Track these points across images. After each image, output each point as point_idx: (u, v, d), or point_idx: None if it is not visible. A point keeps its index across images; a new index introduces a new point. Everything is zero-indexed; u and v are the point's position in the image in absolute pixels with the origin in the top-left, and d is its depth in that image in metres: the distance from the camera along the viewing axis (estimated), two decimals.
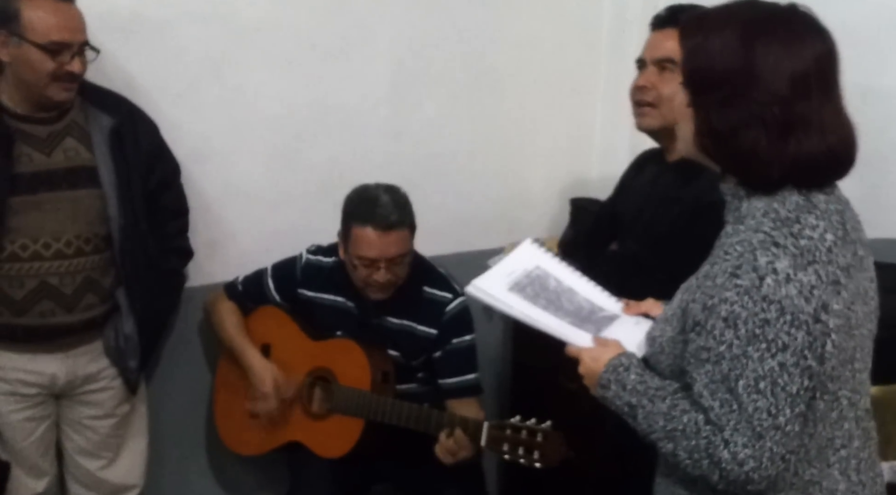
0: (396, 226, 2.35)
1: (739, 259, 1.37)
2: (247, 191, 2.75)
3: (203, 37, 2.57)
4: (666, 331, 1.51)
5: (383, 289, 2.42)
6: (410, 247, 2.42)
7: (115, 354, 2.40)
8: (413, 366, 2.53)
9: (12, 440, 2.34)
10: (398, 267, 2.39)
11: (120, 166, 2.30)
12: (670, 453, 1.44)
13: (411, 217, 2.42)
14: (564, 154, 3.23)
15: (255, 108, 2.70)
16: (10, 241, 2.19)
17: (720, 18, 1.44)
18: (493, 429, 2.18)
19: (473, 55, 2.99)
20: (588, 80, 3.18)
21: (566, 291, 1.77)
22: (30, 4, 2.10)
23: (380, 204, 2.37)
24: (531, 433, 2.13)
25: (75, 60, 2.15)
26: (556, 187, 3.22)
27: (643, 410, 1.47)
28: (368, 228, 2.35)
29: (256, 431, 2.59)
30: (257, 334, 2.60)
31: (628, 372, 1.52)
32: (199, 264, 2.65)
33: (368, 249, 2.35)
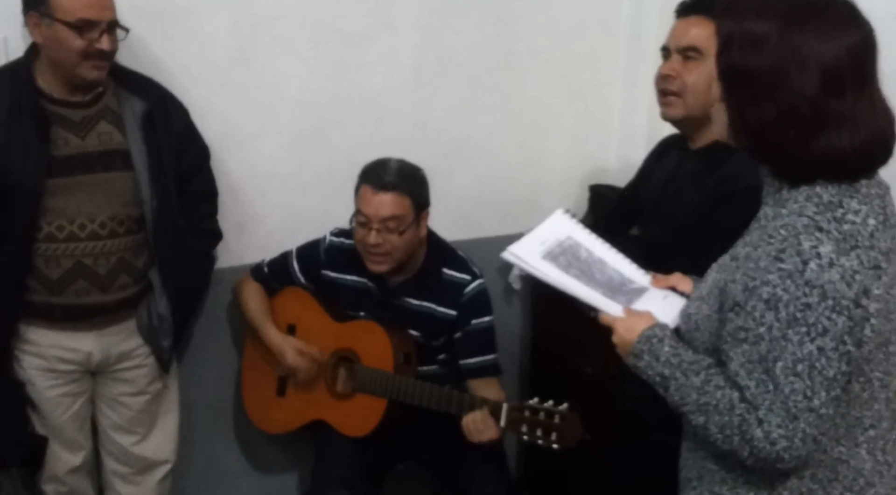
0: (391, 188, 2.41)
1: (783, 243, 1.38)
2: (273, 174, 2.80)
3: (231, 22, 2.62)
4: (702, 309, 1.53)
5: (379, 258, 2.45)
6: (405, 216, 2.43)
7: (148, 333, 2.46)
8: (434, 346, 2.58)
9: (50, 415, 2.40)
10: (391, 234, 2.41)
11: (152, 149, 2.35)
12: (700, 426, 1.47)
13: (414, 188, 2.46)
14: (583, 140, 3.25)
15: (281, 93, 2.75)
16: (47, 222, 2.25)
17: (760, 5, 1.43)
18: (513, 411, 2.23)
19: (494, 41, 3.02)
20: (606, 66, 3.20)
21: (597, 262, 1.80)
22: None
23: (384, 167, 2.46)
24: (549, 415, 2.18)
25: (104, 38, 2.19)
26: (574, 173, 3.25)
27: (675, 382, 1.50)
28: (367, 186, 2.44)
29: (283, 410, 2.66)
30: (283, 315, 2.66)
31: (662, 344, 1.54)
32: (228, 246, 2.70)
33: (363, 205, 2.43)
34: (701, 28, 2.03)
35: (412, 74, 2.93)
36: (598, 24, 3.17)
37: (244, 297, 2.69)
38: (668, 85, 2.10)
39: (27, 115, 2.20)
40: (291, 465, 3.04)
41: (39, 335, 2.36)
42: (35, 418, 2.40)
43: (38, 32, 2.18)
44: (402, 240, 2.44)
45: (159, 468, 2.61)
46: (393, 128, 2.93)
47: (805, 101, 1.38)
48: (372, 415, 2.47)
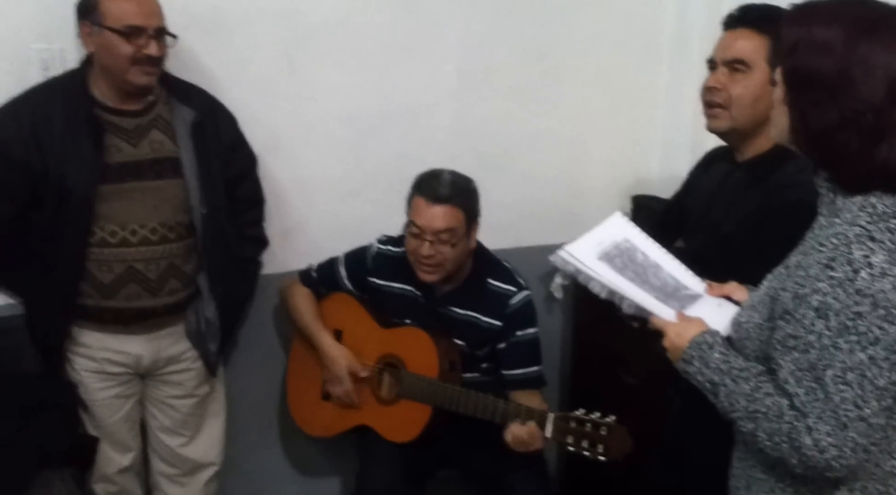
0: (445, 200, 2.43)
1: (834, 251, 1.38)
2: (318, 183, 2.84)
3: (278, 34, 2.67)
4: (753, 318, 1.54)
5: (430, 268, 2.47)
6: (459, 228, 2.45)
7: (196, 337, 2.50)
8: (478, 355, 2.59)
9: (100, 416, 2.45)
10: (443, 245, 2.44)
11: (202, 157, 2.39)
12: (750, 433, 1.48)
13: (467, 201, 2.49)
14: (626, 150, 3.26)
15: (326, 102, 2.79)
16: (100, 228, 2.29)
17: (828, 14, 1.43)
18: (559, 421, 2.23)
19: (536, 52, 3.04)
20: (650, 77, 3.21)
21: (652, 266, 1.81)
22: None
23: (438, 179, 2.48)
24: (596, 426, 2.18)
25: (152, 44, 2.23)
26: (616, 184, 3.25)
27: (725, 389, 1.50)
28: (421, 198, 2.46)
29: (327, 414, 2.69)
30: (329, 320, 2.69)
31: (712, 350, 1.55)
32: (274, 252, 2.73)
33: (417, 216, 2.45)
34: (748, 41, 2.02)
35: (455, 84, 2.96)
36: (642, 34, 3.18)
37: (294, 301, 2.72)
38: (713, 97, 2.08)
39: (82, 124, 2.25)
40: (335, 469, 3.07)
41: (91, 338, 2.41)
42: (86, 419, 2.45)
43: (89, 41, 2.24)
44: (455, 252, 2.46)
45: (206, 470, 2.65)
46: (436, 137, 2.96)
47: (869, 109, 1.38)
48: (416, 422, 2.48)
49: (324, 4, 2.70)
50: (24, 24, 2.34)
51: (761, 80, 1.98)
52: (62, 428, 2.37)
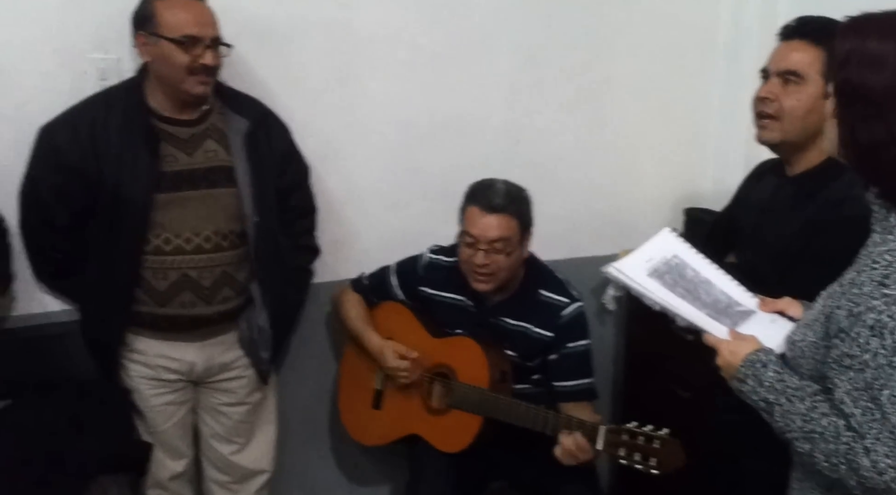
0: (500, 210, 2.42)
1: (888, 268, 1.37)
2: (369, 192, 2.85)
3: (331, 44, 2.68)
4: (807, 336, 1.52)
5: (484, 278, 2.46)
6: (514, 237, 2.44)
7: (248, 345, 2.51)
8: (528, 366, 2.57)
9: (154, 423, 2.48)
10: (498, 254, 2.43)
11: (255, 166, 2.40)
12: (807, 453, 1.45)
13: (521, 210, 2.47)
14: (679, 162, 3.23)
15: (377, 113, 2.80)
16: (156, 236, 2.32)
17: (884, 28, 1.42)
18: (611, 433, 2.20)
19: (589, 62, 3.03)
20: (703, 87, 3.18)
21: (703, 282, 1.78)
22: (163, 4, 2.23)
23: (492, 189, 2.46)
24: (648, 439, 2.14)
25: (208, 53, 2.25)
26: (669, 196, 3.23)
27: (780, 408, 1.48)
28: (475, 207, 2.45)
29: (379, 422, 2.68)
30: (380, 328, 2.68)
31: (766, 369, 1.53)
32: (325, 261, 2.75)
33: (471, 226, 2.44)
34: (803, 53, 1.99)
35: (507, 95, 2.95)
36: (696, 44, 3.15)
37: (345, 306, 2.73)
38: (765, 107, 2.05)
39: (138, 133, 2.28)
40: (386, 478, 3.07)
41: (146, 344, 2.43)
42: (140, 425, 2.47)
43: (145, 51, 2.27)
44: (509, 261, 2.45)
45: (257, 477, 2.66)
46: (487, 147, 2.95)
47: None
48: (467, 432, 2.47)
49: (376, 15, 2.71)
50: (82, 34, 2.38)
51: (814, 93, 1.95)
52: (118, 435, 2.39)
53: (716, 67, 3.17)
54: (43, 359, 2.47)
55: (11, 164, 2.33)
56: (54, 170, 2.29)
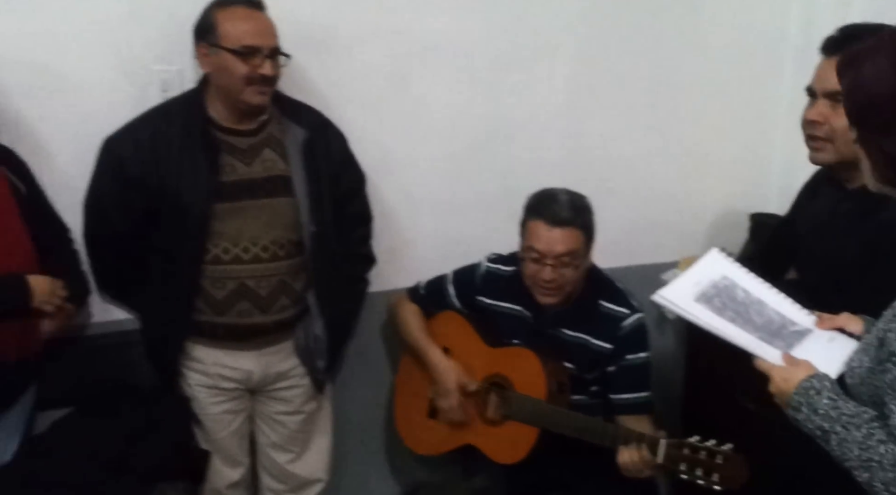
0: (566, 223, 2.37)
1: None
2: (426, 200, 2.85)
3: (388, 52, 2.69)
4: (864, 361, 1.48)
5: (551, 291, 2.43)
6: (581, 249, 2.41)
7: (304, 354, 2.52)
8: (586, 378, 2.53)
9: (212, 431, 2.50)
10: (566, 268, 2.39)
11: (312, 175, 2.41)
12: (866, 483, 1.41)
13: (586, 221, 2.43)
14: (744, 167, 3.17)
15: (434, 119, 2.79)
16: (214, 245, 2.34)
17: (871, 49, 1.43)
18: (671, 447, 2.16)
19: (652, 66, 2.99)
20: (771, 90, 3.11)
21: (755, 303, 1.74)
22: (224, 15, 2.25)
23: (555, 201, 2.41)
24: (711, 454, 2.09)
25: (266, 63, 2.27)
26: (733, 201, 3.17)
27: (836, 436, 1.45)
28: (539, 221, 2.39)
29: (434, 432, 2.67)
30: (437, 337, 2.67)
31: (820, 396, 1.49)
32: (380, 270, 2.74)
33: (536, 241, 2.39)
34: None
35: (567, 100, 2.93)
36: (765, 46, 3.10)
37: (403, 317, 2.72)
38: (814, 131, 1.98)
39: (198, 143, 2.30)
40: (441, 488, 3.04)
41: (204, 353, 2.46)
42: (199, 433, 2.50)
43: (206, 61, 2.29)
44: (576, 274, 2.42)
45: (313, 486, 2.67)
46: (546, 153, 2.93)
47: None
48: (523, 443, 2.44)
49: (434, 23, 2.71)
50: (146, 46, 2.42)
51: None
52: (177, 442, 2.42)
53: (784, 70, 3.10)
54: (105, 366, 2.52)
55: (76, 176, 2.38)
56: (117, 182, 2.32)
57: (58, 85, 2.36)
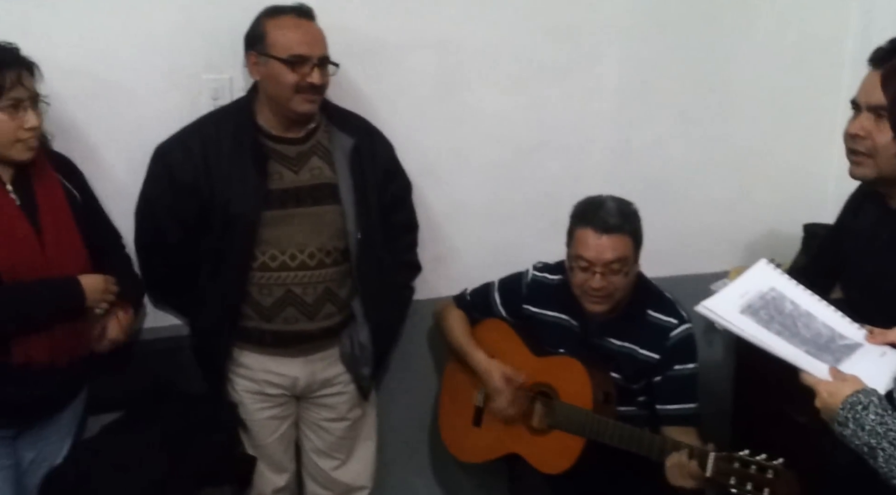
0: (615, 230, 2.35)
1: None
2: (471, 208, 2.85)
3: (435, 60, 2.69)
4: None
5: (599, 299, 2.41)
6: (629, 256, 2.39)
7: (350, 361, 2.53)
8: (633, 389, 2.51)
9: (258, 436, 2.52)
10: (615, 276, 2.37)
11: (358, 183, 2.42)
12: None
13: (634, 227, 2.41)
14: (798, 175, 3.11)
15: (480, 127, 2.79)
16: (262, 252, 2.36)
17: None
18: (721, 461, 2.11)
19: (703, 74, 2.96)
20: (828, 99, 3.04)
21: (803, 316, 1.71)
22: (274, 24, 2.28)
23: (603, 207, 2.39)
24: (761, 469, 2.04)
25: (315, 72, 2.28)
26: (787, 210, 3.10)
27: (884, 453, 1.43)
28: (587, 229, 2.37)
29: (478, 440, 2.66)
30: (482, 345, 2.66)
31: (867, 412, 1.47)
32: (426, 278, 2.75)
33: (585, 249, 2.37)
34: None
35: (614, 107, 2.91)
36: (822, 55, 3.05)
37: (448, 322, 2.72)
38: (856, 145, 1.92)
39: (247, 151, 2.33)
40: None
41: (251, 359, 2.48)
42: (245, 438, 2.52)
43: (255, 70, 2.32)
44: (626, 281, 2.40)
45: (357, 493, 2.68)
46: (593, 160, 2.91)
47: None
48: (568, 453, 2.42)
49: (481, 32, 2.71)
50: (196, 55, 2.45)
51: None
52: (224, 447, 2.45)
53: (842, 79, 3.03)
54: (155, 371, 2.55)
55: (129, 184, 2.42)
56: (168, 189, 2.36)
57: (111, 93, 2.41)
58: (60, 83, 2.26)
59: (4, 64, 2.03)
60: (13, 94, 2.03)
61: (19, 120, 2.06)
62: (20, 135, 2.06)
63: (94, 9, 2.34)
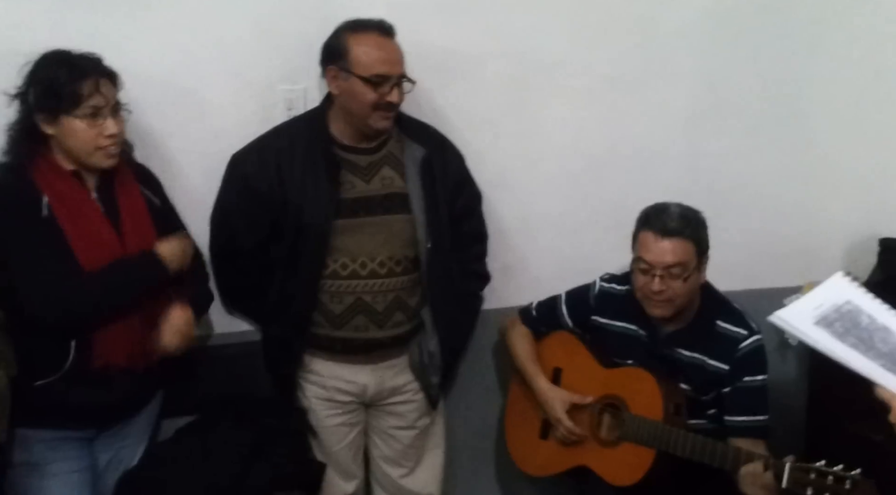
0: (675, 234, 2.35)
1: None
2: (541, 219, 2.84)
3: (507, 72, 2.70)
4: None
5: (660, 303, 2.39)
6: (690, 262, 2.37)
7: (418, 369, 2.54)
8: (703, 401, 2.47)
9: (327, 443, 2.54)
10: (674, 281, 2.35)
11: (429, 193, 2.44)
12: None
13: (697, 234, 2.40)
14: (874, 189, 3.05)
15: (552, 138, 2.79)
16: (333, 260, 2.39)
17: None
18: (797, 471, 2.07)
19: (775, 87, 2.92)
20: None
21: (880, 330, 1.66)
22: (357, 41, 2.30)
23: (666, 212, 2.40)
24: (838, 480, 2.00)
25: (394, 91, 2.31)
26: (862, 224, 3.05)
27: None
28: (649, 232, 2.38)
29: (546, 452, 2.64)
30: (549, 358, 2.65)
31: None
32: (494, 288, 2.75)
33: (646, 252, 2.37)
34: None
35: (687, 120, 2.89)
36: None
37: (512, 341, 2.72)
38: None
39: (320, 160, 2.36)
40: None
41: (322, 366, 2.50)
42: (314, 445, 2.54)
43: (335, 84, 2.34)
44: (686, 287, 2.38)
45: None
46: (664, 173, 2.88)
47: None
48: (639, 465, 2.39)
49: (552, 44, 2.71)
50: (273, 67, 2.50)
51: None
52: (294, 453, 2.47)
53: None
54: (227, 376, 2.59)
55: (205, 192, 2.47)
56: (242, 197, 2.40)
57: (189, 102, 2.46)
58: (141, 92, 2.31)
59: (83, 73, 2.08)
60: (92, 102, 2.09)
61: (99, 127, 2.11)
62: (100, 143, 2.12)
63: (176, 20, 2.41)
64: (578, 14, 2.72)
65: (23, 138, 2.13)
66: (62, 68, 2.08)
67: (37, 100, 2.09)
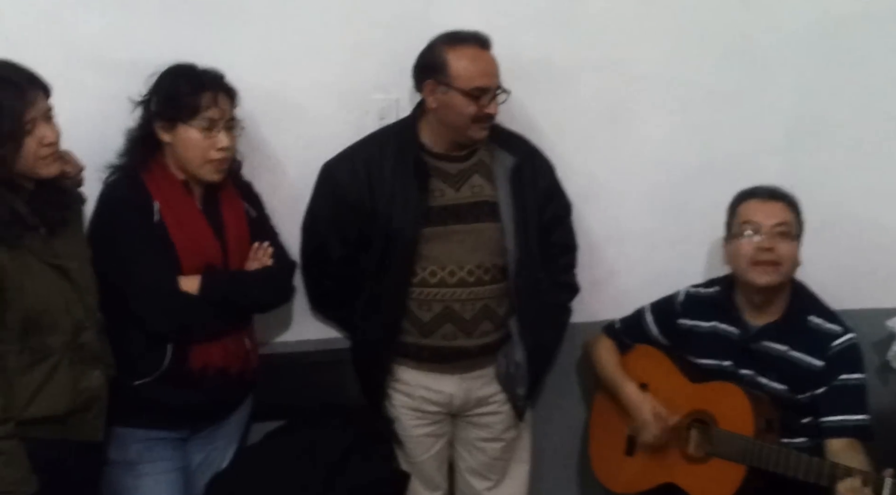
0: (779, 197, 2.44)
1: None
2: (631, 232, 2.81)
3: (601, 84, 2.68)
4: None
5: (769, 270, 2.37)
6: (794, 223, 2.42)
7: (505, 380, 2.53)
8: (798, 403, 2.38)
9: (413, 453, 2.54)
10: (781, 243, 2.37)
11: (518, 202, 2.43)
12: None
13: (795, 204, 2.46)
14: None
15: (646, 150, 2.76)
16: (422, 268, 2.40)
17: None
18: None
19: (882, 102, 2.82)
20: None
21: None
22: (456, 55, 2.31)
23: (762, 185, 2.49)
24: None
25: (492, 103, 2.33)
26: None
27: None
28: (752, 200, 2.46)
29: (631, 469, 2.59)
30: (634, 373, 2.61)
31: None
32: (583, 300, 2.70)
33: (753, 214, 2.42)
34: None
35: (786, 135, 2.81)
36: None
37: (597, 353, 2.69)
38: None
39: (410, 168, 2.38)
40: None
41: (409, 375, 2.51)
42: (400, 454, 2.55)
43: (432, 98, 2.36)
44: (791, 250, 2.39)
45: None
46: None
47: None
48: (729, 482, 2.32)
49: (648, 54, 2.69)
50: (366, 76, 2.54)
51: None
52: (380, 461, 2.48)
53: None
54: (316, 383, 2.63)
55: (299, 200, 2.52)
56: (333, 205, 2.44)
57: (285, 112, 2.51)
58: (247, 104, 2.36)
59: (203, 86, 2.17)
60: (208, 113, 2.17)
61: (212, 140, 2.19)
62: (212, 156, 2.19)
63: (275, 31, 2.46)
64: (675, 27, 2.69)
65: (140, 143, 2.24)
66: (185, 80, 2.18)
67: (157, 107, 2.19)
